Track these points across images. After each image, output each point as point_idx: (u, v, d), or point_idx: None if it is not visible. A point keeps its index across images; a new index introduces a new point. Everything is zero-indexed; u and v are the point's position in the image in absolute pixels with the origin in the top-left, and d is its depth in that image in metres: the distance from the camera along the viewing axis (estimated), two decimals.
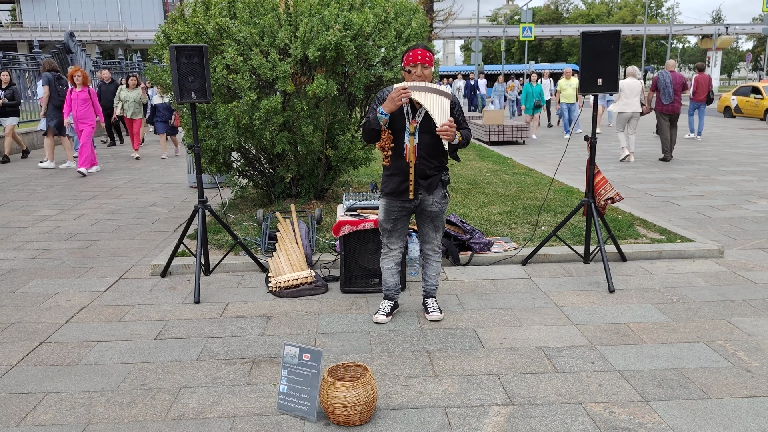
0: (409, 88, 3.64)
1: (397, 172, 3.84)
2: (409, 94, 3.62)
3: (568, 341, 3.76)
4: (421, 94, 3.66)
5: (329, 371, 2.99)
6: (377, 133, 3.79)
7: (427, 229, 4.04)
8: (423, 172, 3.82)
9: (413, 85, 3.66)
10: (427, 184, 3.85)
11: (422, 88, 3.67)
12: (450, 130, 3.60)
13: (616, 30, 4.61)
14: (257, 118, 6.07)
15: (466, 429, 2.83)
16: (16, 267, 5.43)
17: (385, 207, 3.95)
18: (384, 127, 3.74)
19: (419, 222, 4.05)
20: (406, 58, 3.80)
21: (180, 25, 6.30)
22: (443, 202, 3.95)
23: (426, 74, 3.75)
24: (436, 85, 3.74)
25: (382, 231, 4.06)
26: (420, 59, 3.74)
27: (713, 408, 2.98)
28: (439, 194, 3.93)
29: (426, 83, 3.71)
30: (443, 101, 3.68)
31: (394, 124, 3.77)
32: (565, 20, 74.71)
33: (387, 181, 3.91)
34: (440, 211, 3.96)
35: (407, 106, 3.76)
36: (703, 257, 5.42)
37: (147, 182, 9.82)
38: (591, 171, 4.98)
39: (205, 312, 4.31)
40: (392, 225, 3.99)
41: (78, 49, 18.23)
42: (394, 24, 6.47)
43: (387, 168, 3.89)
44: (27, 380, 3.35)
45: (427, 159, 3.81)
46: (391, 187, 3.88)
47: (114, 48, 54.23)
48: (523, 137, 14.84)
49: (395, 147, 3.80)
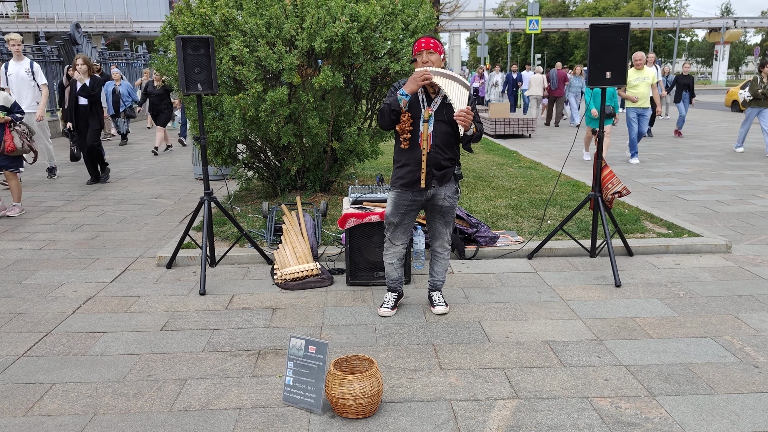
0: (431, 71, 3.66)
1: (410, 161, 3.82)
2: (431, 77, 3.63)
3: (574, 335, 3.74)
4: (441, 79, 3.68)
5: (335, 364, 2.98)
6: (397, 116, 3.77)
7: (437, 224, 4.02)
8: (437, 162, 3.81)
9: (435, 70, 3.69)
10: (440, 175, 3.83)
11: (443, 74, 3.70)
12: (467, 116, 3.61)
13: (625, 23, 4.57)
14: (263, 110, 6.05)
15: (472, 422, 2.82)
16: (22, 258, 5.44)
17: (395, 200, 3.92)
18: (404, 109, 3.74)
19: (429, 217, 4.03)
20: (413, 49, 3.85)
21: (186, 16, 6.28)
22: (455, 197, 3.94)
23: (432, 59, 3.77)
24: (456, 74, 3.76)
25: (387, 225, 4.03)
26: (424, 46, 3.77)
27: (720, 403, 2.97)
28: (452, 188, 3.91)
29: (447, 71, 3.73)
30: (462, 90, 3.70)
31: (409, 111, 3.77)
32: (571, 13, 74.26)
33: (399, 171, 3.88)
34: (451, 206, 3.95)
35: (422, 94, 3.78)
36: (710, 252, 5.39)
37: (152, 174, 9.83)
38: (598, 165, 4.95)
39: (211, 304, 4.31)
40: (399, 219, 3.96)
41: (84, 40, 18.23)
42: (401, 16, 6.43)
43: (399, 159, 3.87)
44: (34, 370, 3.37)
45: (441, 149, 3.80)
46: (403, 178, 3.85)
47: (120, 39, 54.25)
48: (530, 130, 14.78)
49: (412, 133, 3.79)
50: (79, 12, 53.92)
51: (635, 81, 10.18)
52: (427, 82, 3.66)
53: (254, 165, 7.28)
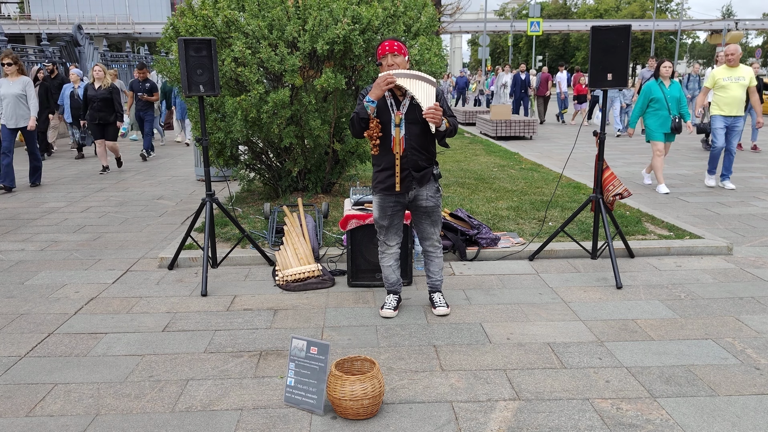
0: (394, 74, 3.65)
1: (387, 165, 3.84)
2: (394, 80, 3.63)
3: (576, 337, 3.75)
4: (406, 80, 3.67)
5: (336, 365, 2.99)
6: (366, 122, 3.78)
7: (424, 225, 4.03)
8: (415, 164, 3.82)
9: (398, 72, 3.68)
10: (420, 176, 3.85)
11: (407, 74, 3.69)
12: (437, 113, 3.60)
13: (627, 24, 4.57)
14: (265, 111, 6.06)
15: (473, 424, 2.83)
16: (24, 258, 5.46)
17: (379, 203, 3.94)
18: (372, 115, 3.75)
19: (416, 219, 4.04)
20: (377, 54, 3.85)
21: (189, 17, 6.30)
22: (437, 196, 3.95)
23: (398, 62, 3.77)
24: (421, 72, 3.76)
25: (378, 228, 4.05)
26: (388, 49, 3.77)
27: (721, 405, 2.97)
28: (432, 188, 3.92)
29: (411, 71, 3.73)
30: (428, 87, 3.70)
31: (379, 117, 3.78)
32: (573, 15, 74.28)
33: (378, 176, 3.90)
34: (435, 205, 3.96)
35: (390, 99, 3.78)
36: (711, 254, 5.40)
37: (154, 175, 9.84)
38: (599, 166, 4.96)
39: (213, 305, 4.32)
40: (389, 221, 3.98)
41: (86, 42, 18.27)
42: (403, 18, 6.44)
43: (377, 164, 3.89)
44: (36, 371, 3.37)
45: (417, 150, 3.81)
46: (383, 182, 3.87)
47: (122, 41, 54.33)
48: (531, 132, 14.78)
49: (383, 139, 3.80)
50: (81, 13, 54.01)
51: (725, 81, 7.86)
52: (391, 86, 3.65)
53: (256, 166, 7.29)
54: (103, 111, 9.65)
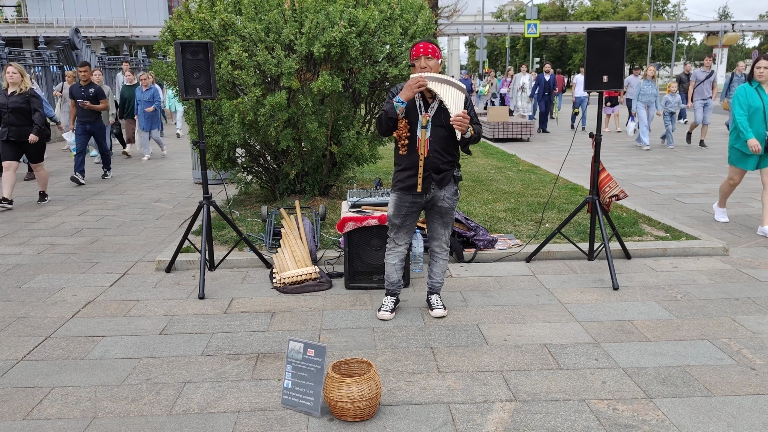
0: (426, 77, 3.68)
1: (409, 165, 3.85)
2: (425, 83, 3.65)
3: (572, 338, 3.76)
4: (437, 84, 3.70)
5: (333, 367, 3.00)
6: (394, 122, 3.81)
7: (436, 225, 4.05)
8: (436, 166, 3.84)
9: (430, 76, 3.71)
10: (440, 179, 3.87)
11: (438, 79, 3.72)
12: (464, 121, 3.63)
13: (622, 27, 4.59)
14: (262, 114, 6.07)
15: (470, 425, 2.84)
16: (21, 262, 5.45)
17: (396, 202, 3.96)
18: (401, 116, 3.77)
19: (429, 218, 4.06)
20: (411, 54, 3.87)
21: (185, 20, 6.31)
22: (454, 198, 3.97)
23: (431, 65, 3.79)
24: (452, 78, 3.78)
25: (390, 226, 4.07)
26: (422, 51, 3.79)
27: (717, 405, 2.98)
28: (451, 190, 3.94)
29: (442, 76, 3.75)
30: (458, 94, 3.73)
31: (406, 117, 3.80)
32: (570, 17, 74.43)
33: (399, 175, 3.92)
34: (450, 207, 3.98)
35: (419, 100, 3.80)
36: (707, 255, 5.41)
37: (151, 178, 9.85)
38: (596, 168, 4.97)
39: (210, 307, 4.32)
40: (402, 220, 3.99)
41: (83, 45, 18.27)
42: (400, 20, 6.46)
43: (399, 163, 3.91)
44: (33, 374, 3.37)
45: (440, 153, 3.83)
46: (402, 182, 3.89)
47: (119, 44, 54.32)
48: (528, 134, 14.80)
49: (409, 140, 3.82)
50: (79, 17, 54.02)
51: None
52: (422, 89, 3.68)
53: (253, 169, 7.30)
54: (16, 125, 7.44)
